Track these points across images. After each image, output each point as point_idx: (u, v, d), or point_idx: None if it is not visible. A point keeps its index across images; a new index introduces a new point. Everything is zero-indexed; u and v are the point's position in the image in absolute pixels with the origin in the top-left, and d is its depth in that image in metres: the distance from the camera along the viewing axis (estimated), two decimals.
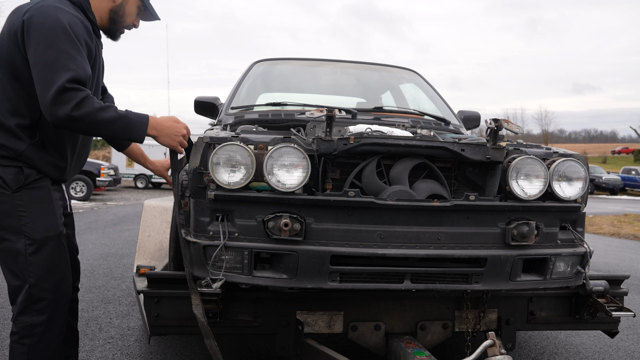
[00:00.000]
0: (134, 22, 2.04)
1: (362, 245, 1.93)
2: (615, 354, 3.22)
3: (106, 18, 1.96)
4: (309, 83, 3.65)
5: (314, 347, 2.20)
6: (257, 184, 1.93)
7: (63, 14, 1.72)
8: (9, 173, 1.75)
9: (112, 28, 2.00)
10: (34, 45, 1.67)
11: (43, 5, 1.72)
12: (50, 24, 1.68)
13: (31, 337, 1.79)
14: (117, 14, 1.97)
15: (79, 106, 1.64)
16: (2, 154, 1.75)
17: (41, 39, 1.67)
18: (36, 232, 1.78)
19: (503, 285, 2.04)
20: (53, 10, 1.71)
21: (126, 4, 1.98)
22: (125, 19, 2.00)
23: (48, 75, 1.64)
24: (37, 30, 1.68)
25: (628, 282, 4.76)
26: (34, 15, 1.69)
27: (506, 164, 2.09)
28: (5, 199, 1.75)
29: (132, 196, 16.54)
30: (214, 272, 1.89)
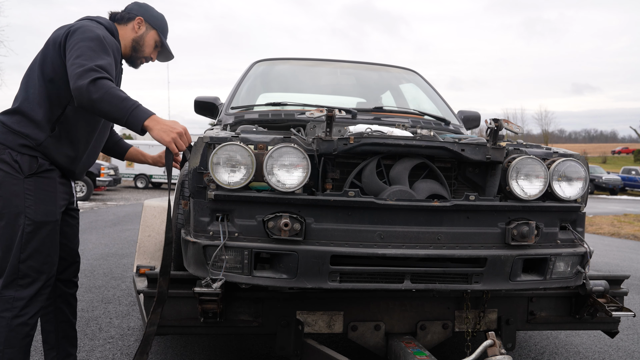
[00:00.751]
0: (151, 54, 2.34)
1: (362, 245, 1.93)
2: (615, 354, 3.22)
3: (129, 46, 2.28)
4: (309, 83, 3.64)
5: (314, 347, 2.20)
6: (257, 184, 1.93)
7: (101, 30, 2.06)
8: (25, 161, 2.00)
9: (133, 56, 2.30)
10: (74, 43, 1.96)
11: (85, 24, 2.07)
12: (89, 32, 2.00)
13: (11, 310, 1.96)
14: (138, 43, 2.28)
15: (98, 80, 1.86)
16: (24, 142, 2.00)
17: (80, 39, 1.97)
18: (36, 215, 2.01)
19: (503, 285, 2.04)
20: (93, 26, 2.06)
21: (145, 36, 2.30)
22: (145, 49, 2.31)
23: (83, 62, 1.89)
24: (79, 35, 1.99)
25: (628, 282, 4.76)
26: (78, 26, 2.04)
27: (506, 164, 2.09)
28: (18, 181, 2.00)
29: (132, 196, 16.53)
30: (214, 272, 1.89)
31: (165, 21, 2.38)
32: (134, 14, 2.28)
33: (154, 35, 2.32)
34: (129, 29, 2.28)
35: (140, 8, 2.32)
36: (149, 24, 2.30)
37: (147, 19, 2.30)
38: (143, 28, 2.29)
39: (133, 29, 2.28)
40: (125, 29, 2.27)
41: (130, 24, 2.28)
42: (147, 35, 2.30)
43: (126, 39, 2.27)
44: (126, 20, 2.27)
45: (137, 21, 2.27)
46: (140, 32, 2.28)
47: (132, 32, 2.28)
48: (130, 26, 2.28)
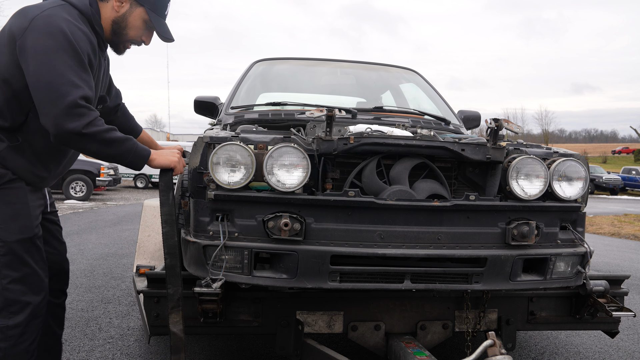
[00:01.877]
0: (142, 37, 1.96)
1: (362, 245, 1.93)
2: (615, 354, 3.22)
3: (109, 29, 1.90)
4: (308, 83, 3.64)
5: (314, 347, 2.20)
6: (257, 183, 1.93)
7: (69, 26, 1.68)
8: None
9: (114, 40, 1.93)
10: (39, 54, 1.63)
11: (50, 15, 1.68)
12: (56, 35, 1.64)
13: (7, 340, 1.73)
14: (119, 25, 1.89)
15: (91, 125, 1.63)
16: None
17: (47, 49, 1.63)
18: (8, 234, 1.71)
19: (503, 285, 2.04)
20: (59, 21, 1.67)
21: (129, 16, 1.90)
22: (128, 32, 1.92)
23: (56, 87, 1.60)
24: (43, 40, 1.63)
25: (628, 282, 4.75)
26: (40, 24, 1.65)
27: (506, 163, 2.08)
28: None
29: (132, 196, 16.53)
30: (213, 272, 1.89)
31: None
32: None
33: (140, 14, 1.91)
34: (108, 7, 1.88)
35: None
36: (134, 1, 1.89)
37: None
38: (126, 5, 1.89)
39: (113, 7, 1.88)
40: (106, 6, 1.87)
41: (110, 1, 1.88)
42: (131, 14, 1.90)
43: (106, 20, 1.88)
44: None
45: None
46: (122, 11, 1.89)
47: (112, 11, 1.88)
48: (110, 4, 1.88)
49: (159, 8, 1.93)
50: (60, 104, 1.60)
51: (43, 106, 1.62)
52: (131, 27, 1.91)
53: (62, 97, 1.60)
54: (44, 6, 1.72)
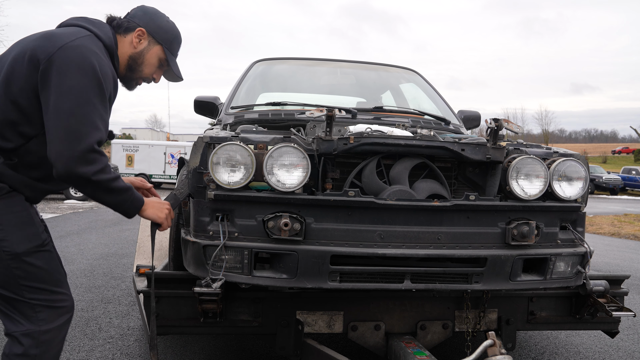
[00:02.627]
0: (153, 75, 1.90)
1: (362, 245, 1.93)
2: (615, 354, 3.22)
3: (124, 64, 1.84)
4: (308, 83, 3.64)
5: (314, 347, 2.20)
6: (257, 183, 1.93)
7: (99, 61, 1.63)
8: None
9: (127, 76, 1.86)
10: (64, 88, 1.56)
11: (81, 45, 1.61)
12: (86, 70, 1.59)
13: (40, 346, 1.66)
14: (136, 61, 1.84)
15: (100, 172, 1.60)
16: None
17: (74, 85, 1.57)
18: (18, 246, 1.61)
19: (503, 285, 2.04)
20: (90, 55, 1.61)
21: (147, 53, 1.85)
22: (144, 69, 1.87)
23: (75, 128, 1.55)
24: (71, 73, 1.57)
25: (628, 282, 4.75)
26: (70, 55, 1.58)
27: (506, 163, 2.08)
28: None
29: None
30: (213, 272, 1.89)
31: (176, 33, 1.93)
32: (134, 23, 1.83)
33: (157, 52, 1.87)
34: (126, 42, 1.83)
35: (145, 15, 1.86)
36: (152, 38, 1.85)
37: (150, 31, 1.85)
38: (144, 42, 1.84)
39: (131, 42, 1.83)
40: (124, 41, 1.83)
41: (129, 35, 1.83)
42: (148, 51, 1.85)
43: (123, 54, 1.83)
44: (124, 31, 1.82)
45: (137, 33, 1.83)
46: (140, 48, 1.84)
47: (130, 46, 1.83)
48: (128, 38, 1.83)
49: (174, 48, 1.92)
50: (76, 146, 1.55)
51: (57, 143, 1.56)
52: (147, 64, 1.87)
53: (79, 140, 1.55)
54: (72, 34, 1.65)
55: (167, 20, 1.91)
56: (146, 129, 53.95)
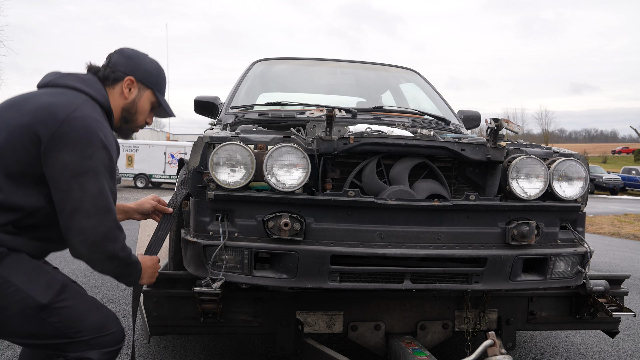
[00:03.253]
0: (147, 120, 1.85)
1: (362, 245, 1.93)
2: (615, 353, 3.22)
3: (118, 117, 1.77)
4: (308, 83, 3.64)
5: (314, 347, 2.20)
6: (257, 183, 1.93)
7: (103, 132, 1.57)
8: None
9: (123, 127, 1.81)
10: (76, 166, 1.49)
11: (83, 116, 1.54)
12: (96, 145, 1.52)
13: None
14: (130, 111, 1.78)
15: (124, 248, 1.60)
16: None
17: (85, 163, 1.50)
18: (41, 296, 1.53)
19: (503, 285, 2.04)
20: (95, 126, 1.54)
21: (139, 101, 1.78)
22: (138, 117, 1.81)
23: (95, 207, 1.51)
24: (81, 150, 1.50)
25: (628, 282, 4.75)
26: (77, 129, 1.51)
27: (506, 163, 2.09)
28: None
29: (132, 196, 16.53)
30: (213, 271, 1.89)
31: (161, 72, 1.86)
32: (121, 72, 1.74)
33: (149, 97, 1.80)
34: (116, 94, 1.74)
35: (129, 61, 1.77)
36: (141, 84, 1.78)
37: (139, 78, 1.77)
38: (135, 91, 1.76)
39: (122, 93, 1.75)
40: (113, 93, 1.74)
41: (117, 86, 1.74)
42: (140, 99, 1.78)
43: (115, 107, 1.75)
44: (112, 82, 1.73)
45: (127, 83, 1.75)
46: (132, 97, 1.76)
47: (121, 97, 1.75)
48: (117, 89, 1.74)
49: (163, 87, 1.86)
50: (98, 226, 1.52)
51: (74, 224, 1.52)
52: (141, 112, 1.81)
53: (100, 219, 1.52)
54: (71, 103, 1.57)
55: (150, 61, 1.83)
56: (146, 129, 54.00)
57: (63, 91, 1.62)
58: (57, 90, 1.62)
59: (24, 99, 1.60)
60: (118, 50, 1.80)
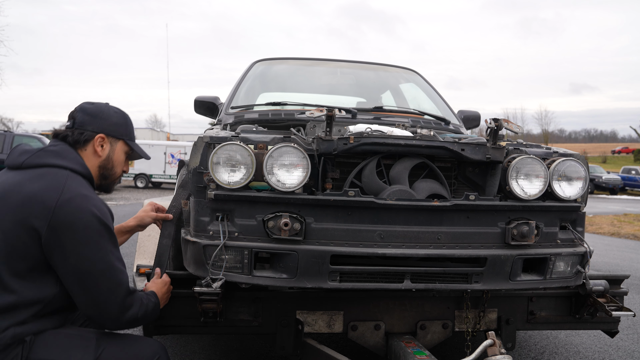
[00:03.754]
0: (123, 168, 1.86)
1: (362, 245, 1.93)
2: (615, 353, 3.22)
3: (97, 175, 1.76)
4: (308, 83, 3.64)
5: (314, 347, 2.20)
6: (257, 183, 1.93)
7: (95, 205, 1.57)
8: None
9: (103, 184, 1.81)
10: (77, 250, 1.51)
11: (72, 197, 1.53)
12: (93, 224, 1.53)
13: None
14: (106, 167, 1.77)
15: (142, 307, 1.66)
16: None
17: (86, 243, 1.52)
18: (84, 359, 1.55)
19: (503, 285, 2.04)
20: (85, 203, 1.54)
21: (113, 155, 1.78)
22: (116, 170, 1.81)
23: (106, 283, 1.55)
24: (81, 234, 1.52)
25: (628, 281, 4.76)
26: (71, 213, 1.51)
27: (506, 163, 2.09)
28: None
29: (132, 195, 16.53)
30: (214, 271, 1.89)
31: (127, 119, 1.85)
32: (89, 132, 1.72)
33: (121, 148, 1.81)
34: (89, 154, 1.73)
35: (94, 119, 1.74)
36: (112, 137, 1.77)
37: (108, 133, 1.76)
38: (107, 146, 1.76)
39: (95, 152, 1.73)
40: (87, 154, 1.72)
41: (89, 146, 1.72)
42: (114, 152, 1.78)
43: (91, 167, 1.73)
44: (83, 143, 1.71)
45: (98, 140, 1.73)
46: (105, 153, 1.75)
47: (95, 156, 1.73)
48: (90, 150, 1.73)
49: (132, 134, 1.87)
50: (112, 302, 1.55)
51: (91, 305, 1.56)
52: (117, 165, 1.81)
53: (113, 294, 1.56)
54: (55, 186, 1.54)
55: (114, 111, 1.82)
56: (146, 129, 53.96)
57: (42, 172, 1.59)
58: (36, 173, 1.58)
59: (5, 191, 1.55)
60: (79, 109, 1.77)
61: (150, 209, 2.10)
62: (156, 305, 1.79)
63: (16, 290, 1.50)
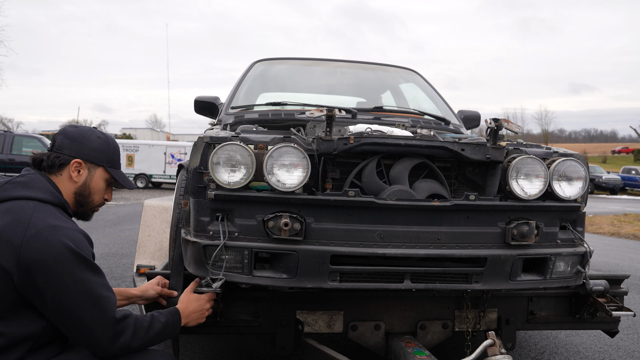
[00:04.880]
0: (105, 196, 1.76)
1: (362, 245, 1.93)
2: (615, 353, 3.22)
3: (72, 202, 1.66)
4: (308, 83, 3.65)
5: (314, 347, 2.20)
6: (257, 183, 1.93)
7: (66, 236, 1.47)
8: None
9: (80, 211, 1.71)
10: (52, 286, 1.43)
11: (39, 231, 1.44)
12: (61, 257, 1.43)
13: None
14: (83, 194, 1.67)
15: (136, 333, 1.54)
16: None
17: (60, 278, 1.43)
18: None
19: (503, 285, 2.04)
20: (54, 235, 1.45)
21: (91, 182, 1.68)
22: (94, 198, 1.71)
23: (89, 313, 1.46)
24: (50, 269, 1.42)
25: (628, 281, 4.75)
26: (40, 249, 1.42)
27: (506, 163, 2.09)
28: None
29: (132, 195, 16.53)
30: (214, 271, 1.89)
31: (112, 146, 1.75)
32: (66, 156, 1.63)
33: (101, 175, 1.70)
34: (65, 180, 1.64)
35: (74, 143, 1.65)
36: (91, 163, 1.68)
37: (86, 158, 1.66)
38: (84, 172, 1.66)
39: (70, 178, 1.64)
40: (62, 179, 1.63)
41: (64, 171, 1.63)
42: (92, 179, 1.68)
43: (66, 193, 1.64)
44: (58, 168, 1.62)
45: (74, 165, 1.64)
46: (82, 180, 1.66)
47: (71, 182, 1.64)
48: (65, 175, 1.64)
49: (115, 161, 1.75)
50: (102, 331, 1.47)
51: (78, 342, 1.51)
52: (95, 192, 1.70)
53: (100, 323, 1.47)
54: (21, 220, 1.45)
55: (97, 137, 1.71)
56: (146, 129, 54.01)
57: (8, 207, 1.50)
58: (3, 208, 1.50)
59: None
60: (61, 131, 1.69)
61: (156, 283, 2.05)
62: (167, 325, 1.66)
63: (3, 333, 1.43)
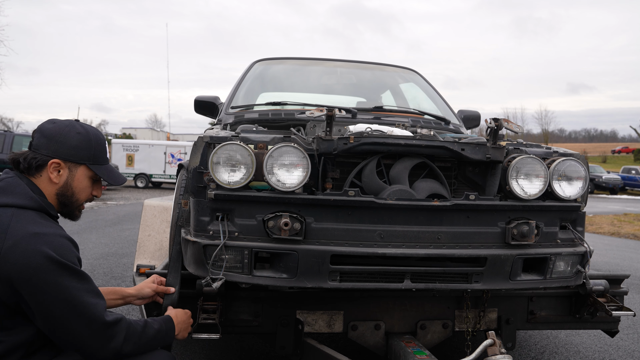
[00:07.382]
0: (93, 193, 1.68)
1: (362, 245, 1.93)
2: (615, 353, 3.22)
3: (56, 203, 1.59)
4: (308, 82, 3.65)
5: (314, 347, 2.20)
6: (257, 183, 1.93)
7: (47, 243, 1.41)
8: None
9: (65, 211, 1.63)
10: (36, 297, 1.39)
11: (17, 242, 1.38)
12: (42, 266, 1.37)
13: None
14: (66, 195, 1.59)
15: (128, 339, 1.49)
16: None
17: (43, 288, 1.38)
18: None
19: (503, 285, 2.04)
20: (34, 244, 1.38)
21: (72, 181, 1.59)
22: (78, 197, 1.62)
23: (75, 322, 1.41)
24: (32, 280, 1.37)
25: (628, 281, 4.76)
26: (18, 261, 1.36)
27: (506, 163, 2.09)
28: None
29: (132, 195, 16.54)
30: (214, 271, 1.89)
31: (93, 141, 1.64)
32: (43, 156, 1.54)
33: (84, 173, 1.61)
34: (45, 181, 1.56)
35: (50, 142, 1.56)
36: (71, 162, 1.58)
37: (65, 157, 1.57)
38: (65, 172, 1.58)
39: (50, 180, 1.56)
40: (42, 181, 1.56)
41: (44, 172, 1.55)
42: (74, 178, 1.59)
43: (48, 195, 1.56)
44: (36, 169, 1.54)
45: (52, 166, 1.56)
46: (63, 180, 1.57)
47: (51, 184, 1.56)
48: (45, 176, 1.56)
49: (99, 157, 1.65)
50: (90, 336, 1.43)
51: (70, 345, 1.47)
52: (79, 191, 1.62)
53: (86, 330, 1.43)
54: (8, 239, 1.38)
55: (77, 132, 1.61)
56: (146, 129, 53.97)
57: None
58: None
59: None
60: (38, 129, 1.60)
61: (152, 281, 2.03)
62: (161, 331, 1.64)
63: (2, 341, 1.41)
